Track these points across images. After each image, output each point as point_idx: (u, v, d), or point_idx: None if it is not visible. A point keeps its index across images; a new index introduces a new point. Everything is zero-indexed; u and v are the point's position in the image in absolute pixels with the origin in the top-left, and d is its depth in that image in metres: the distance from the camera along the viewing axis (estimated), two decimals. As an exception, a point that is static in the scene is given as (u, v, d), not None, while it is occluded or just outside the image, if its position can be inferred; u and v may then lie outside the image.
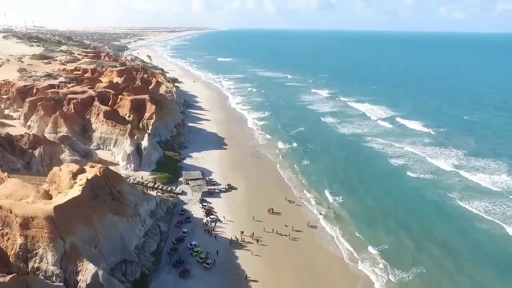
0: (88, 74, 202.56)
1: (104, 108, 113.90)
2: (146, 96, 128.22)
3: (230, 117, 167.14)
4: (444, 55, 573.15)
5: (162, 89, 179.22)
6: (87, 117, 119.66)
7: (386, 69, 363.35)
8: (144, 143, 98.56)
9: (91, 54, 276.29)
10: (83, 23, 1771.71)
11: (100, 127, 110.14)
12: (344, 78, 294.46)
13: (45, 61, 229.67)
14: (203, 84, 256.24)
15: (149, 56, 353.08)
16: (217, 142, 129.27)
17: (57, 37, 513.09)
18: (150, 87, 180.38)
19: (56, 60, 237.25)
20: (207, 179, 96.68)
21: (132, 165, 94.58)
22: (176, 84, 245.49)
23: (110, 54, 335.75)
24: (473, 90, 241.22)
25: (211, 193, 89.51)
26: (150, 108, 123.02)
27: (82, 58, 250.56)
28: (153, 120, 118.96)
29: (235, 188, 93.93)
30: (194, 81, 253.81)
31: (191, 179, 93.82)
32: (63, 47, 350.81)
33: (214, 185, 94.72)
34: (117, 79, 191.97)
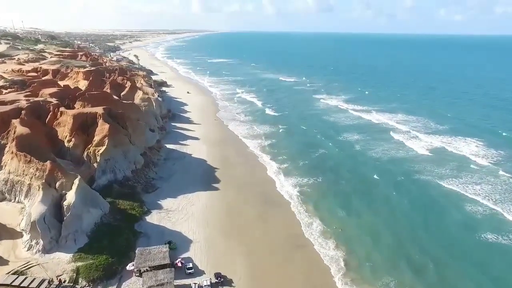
0: (48, 76, 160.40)
1: (19, 129, 70.92)
2: (99, 109, 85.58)
3: (225, 134, 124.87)
4: (445, 56, 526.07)
5: (138, 96, 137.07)
6: (2, 142, 77.18)
7: (387, 70, 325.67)
8: (70, 196, 55.93)
9: (66, 54, 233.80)
10: (83, 26, 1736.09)
11: (9, 162, 67.38)
12: (350, 81, 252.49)
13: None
14: (196, 88, 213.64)
15: (136, 56, 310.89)
16: (205, 177, 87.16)
17: (39, 36, 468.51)
18: (122, 93, 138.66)
19: (14, 59, 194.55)
20: (180, 263, 54.22)
21: (41, 242, 51.74)
22: (164, 88, 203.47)
23: (94, 54, 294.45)
24: (500, 96, 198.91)
25: (182, 302, 47.18)
26: (102, 128, 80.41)
27: (51, 57, 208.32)
28: (103, 148, 76.39)
29: (229, 284, 51.63)
30: (188, 92, 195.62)
31: (149, 267, 51.33)
32: (39, 46, 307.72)
33: (190, 274, 52.49)
34: (83, 82, 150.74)
